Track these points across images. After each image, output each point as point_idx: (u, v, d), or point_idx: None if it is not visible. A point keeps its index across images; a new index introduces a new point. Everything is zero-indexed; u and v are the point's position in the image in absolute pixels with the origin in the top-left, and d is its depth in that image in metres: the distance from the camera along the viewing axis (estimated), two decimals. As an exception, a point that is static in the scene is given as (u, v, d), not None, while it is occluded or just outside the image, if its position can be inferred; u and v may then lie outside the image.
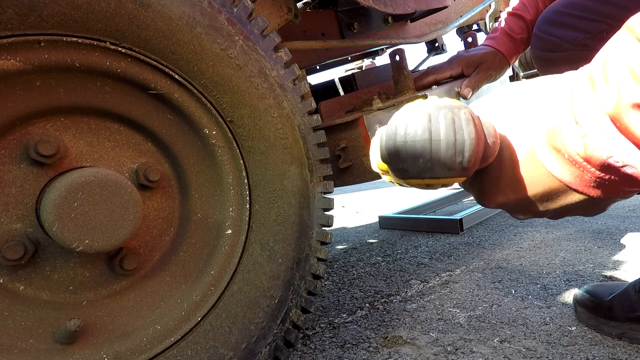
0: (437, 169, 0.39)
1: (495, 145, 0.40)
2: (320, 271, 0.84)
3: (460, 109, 0.39)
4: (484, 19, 1.85)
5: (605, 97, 0.29)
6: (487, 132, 0.39)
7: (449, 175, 0.39)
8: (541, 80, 0.40)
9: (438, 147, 0.38)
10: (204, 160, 0.75)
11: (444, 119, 0.38)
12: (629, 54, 0.28)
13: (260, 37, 0.76)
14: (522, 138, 0.39)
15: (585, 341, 0.90)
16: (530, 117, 0.38)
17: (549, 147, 0.35)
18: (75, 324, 0.59)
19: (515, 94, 0.42)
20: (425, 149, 0.38)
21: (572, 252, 1.48)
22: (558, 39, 0.94)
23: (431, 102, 0.40)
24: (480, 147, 0.38)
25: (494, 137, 0.39)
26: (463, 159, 0.38)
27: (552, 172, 0.36)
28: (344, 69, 2.90)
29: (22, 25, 0.54)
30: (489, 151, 0.39)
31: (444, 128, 0.38)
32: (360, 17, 1.35)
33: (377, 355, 0.95)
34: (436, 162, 0.38)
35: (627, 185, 0.33)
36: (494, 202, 0.43)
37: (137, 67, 0.65)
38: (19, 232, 0.59)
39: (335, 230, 2.46)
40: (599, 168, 0.32)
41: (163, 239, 0.73)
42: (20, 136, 0.59)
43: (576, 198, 0.37)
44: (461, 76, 1.19)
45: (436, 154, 0.38)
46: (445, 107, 0.39)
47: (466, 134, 0.37)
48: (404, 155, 0.40)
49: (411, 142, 0.39)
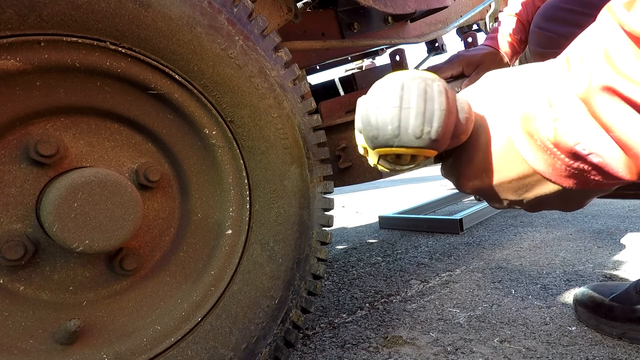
0: (404, 137, 0.39)
1: (469, 121, 0.39)
2: (320, 271, 0.84)
3: (435, 80, 0.39)
4: (484, 19, 1.85)
5: (578, 79, 0.29)
6: (460, 107, 0.39)
7: (416, 144, 0.39)
8: (525, 66, 0.39)
9: (407, 114, 0.38)
10: (204, 161, 0.75)
11: (416, 88, 0.38)
12: (605, 35, 0.27)
13: (260, 37, 0.76)
14: (500, 122, 0.38)
15: (585, 341, 0.90)
16: (508, 101, 0.37)
17: (523, 133, 0.34)
18: (75, 324, 0.59)
19: (497, 78, 0.41)
20: (394, 116, 0.38)
21: (572, 252, 1.48)
22: (555, 34, 0.93)
23: (408, 72, 0.41)
24: (451, 119, 0.38)
25: (467, 114, 0.39)
26: (431, 128, 0.38)
27: (526, 159, 0.35)
28: (344, 69, 2.90)
29: (22, 25, 0.54)
30: (460, 127, 0.39)
31: (415, 97, 0.38)
32: (360, 17, 1.35)
33: (377, 355, 0.95)
34: (404, 129, 0.38)
35: (597, 175, 0.31)
36: (469, 186, 0.43)
37: (137, 67, 0.65)
38: (19, 232, 0.59)
39: (335, 230, 2.46)
40: (568, 155, 0.31)
41: (163, 239, 0.73)
42: (20, 136, 0.59)
43: (550, 188, 0.36)
44: (461, 76, 1.20)
45: (405, 122, 0.38)
46: (419, 77, 0.39)
47: (437, 105, 0.37)
48: (374, 122, 0.40)
49: (383, 109, 0.39)
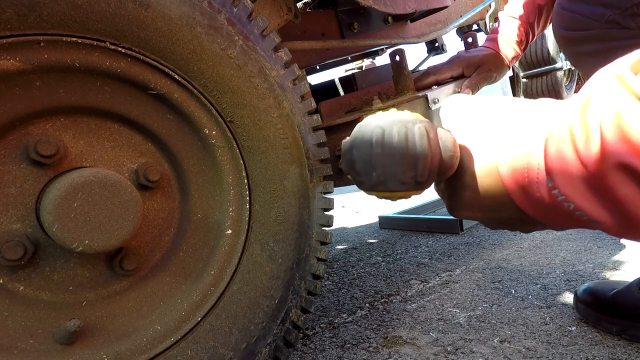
0: (390, 183, 0.39)
1: (453, 159, 0.39)
2: (320, 271, 0.84)
3: (415, 123, 0.39)
4: (484, 19, 1.85)
5: (587, 154, 0.27)
6: (444, 146, 0.39)
7: (402, 189, 0.39)
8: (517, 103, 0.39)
9: (390, 161, 0.38)
10: (204, 160, 0.75)
11: (397, 134, 0.38)
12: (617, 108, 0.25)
13: (260, 37, 0.76)
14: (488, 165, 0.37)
15: (585, 341, 0.90)
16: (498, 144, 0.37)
17: (516, 183, 0.34)
18: (75, 324, 0.59)
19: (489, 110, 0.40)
20: (378, 163, 0.39)
21: (572, 252, 1.48)
22: (583, 16, 0.86)
23: (389, 115, 0.41)
24: (435, 162, 0.39)
25: (451, 152, 0.39)
26: (416, 174, 0.38)
27: (517, 204, 0.36)
28: (344, 69, 2.90)
29: (22, 25, 0.54)
30: (445, 165, 0.39)
31: (397, 143, 0.38)
32: (360, 17, 1.35)
33: (377, 355, 0.95)
34: (389, 176, 0.39)
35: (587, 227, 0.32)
36: (461, 215, 0.43)
37: (137, 67, 0.65)
38: (18, 233, 0.59)
39: (335, 230, 2.46)
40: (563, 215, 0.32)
41: (163, 239, 0.73)
42: (20, 136, 0.59)
43: (540, 226, 0.38)
44: (461, 77, 1.20)
45: (389, 168, 0.38)
46: (400, 121, 0.39)
47: (419, 149, 0.38)
48: (359, 168, 0.40)
49: (366, 156, 0.39)
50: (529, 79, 2.84)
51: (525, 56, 2.77)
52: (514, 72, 2.77)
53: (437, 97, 1.10)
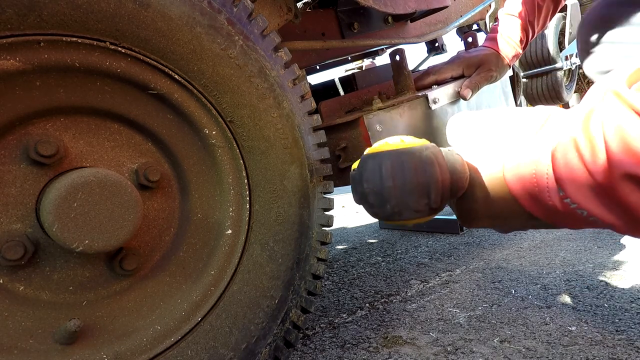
0: (405, 213, 0.39)
1: (462, 180, 0.40)
2: (320, 271, 0.84)
3: (422, 151, 0.39)
4: (484, 19, 1.85)
5: (594, 167, 0.29)
6: (453, 168, 0.40)
7: (417, 216, 0.40)
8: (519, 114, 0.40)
9: (403, 192, 0.38)
10: (204, 161, 0.75)
11: (406, 164, 0.38)
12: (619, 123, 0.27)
13: (260, 37, 0.75)
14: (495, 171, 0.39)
15: (585, 341, 0.90)
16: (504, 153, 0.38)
17: (523, 188, 0.36)
18: (75, 324, 0.59)
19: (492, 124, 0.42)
20: (390, 195, 0.39)
21: (572, 252, 1.48)
22: None
23: (394, 144, 0.41)
24: (446, 186, 0.39)
25: (460, 173, 0.40)
26: (430, 200, 0.39)
27: (529, 211, 0.37)
28: (344, 69, 2.90)
29: (22, 25, 0.54)
30: (456, 186, 0.40)
31: (407, 172, 0.38)
32: (361, 17, 1.35)
33: (377, 355, 0.95)
34: (404, 206, 0.39)
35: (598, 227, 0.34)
36: (475, 226, 0.45)
37: (137, 67, 0.65)
38: (18, 233, 0.59)
39: (335, 230, 2.46)
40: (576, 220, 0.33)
41: (163, 239, 0.73)
42: (20, 136, 0.59)
43: (551, 226, 0.39)
44: (461, 77, 1.19)
45: (402, 199, 0.39)
46: (407, 151, 0.39)
47: (430, 177, 0.38)
48: (372, 201, 0.40)
49: (377, 189, 0.39)
50: (529, 79, 2.84)
51: (525, 56, 2.77)
52: (514, 71, 2.78)
53: (437, 96, 1.10)
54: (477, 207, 0.41)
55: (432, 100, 1.08)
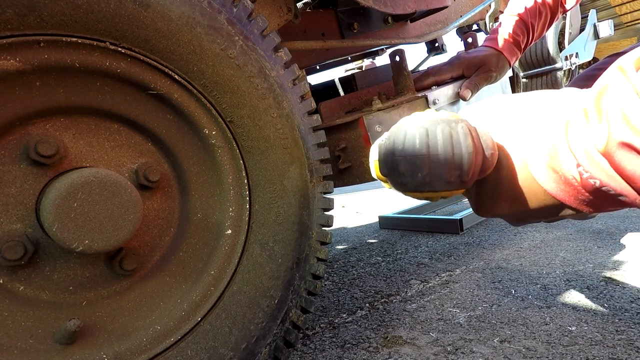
0: (436, 183, 0.39)
1: (493, 157, 0.40)
2: (320, 271, 0.84)
3: (458, 122, 0.39)
4: (484, 19, 1.85)
5: (597, 134, 0.31)
6: (485, 144, 0.40)
7: (447, 188, 0.39)
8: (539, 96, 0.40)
9: (436, 161, 0.38)
10: (204, 161, 0.75)
11: (441, 133, 0.38)
12: (620, 95, 0.29)
13: (260, 37, 0.76)
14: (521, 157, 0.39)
15: (585, 341, 0.90)
16: (527, 137, 0.39)
17: (547, 167, 0.36)
18: (75, 324, 0.59)
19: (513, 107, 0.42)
20: (423, 164, 0.38)
21: (572, 252, 1.48)
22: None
23: (429, 115, 0.41)
24: (479, 160, 0.39)
25: (492, 149, 0.40)
26: (462, 172, 0.38)
27: (549, 191, 0.37)
28: (344, 69, 2.90)
29: (22, 26, 0.54)
30: (487, 163, 0.40)
31: (441, 142, 0.38)
32: (360, 17, 1.35)
33: (377, 355, 0.95)
34: (435, 176, 0.39)
35: (618, 206, 0.35)
36: (492, 213, 0.44)
37: (137, 67, 0.65)
38: (18, 233, 0.59)
39: (335, 230, 2.46)
40: (592, 193, 0.34)
41: (163, 239, 0.73)
42: (20, 136, 0.59)
43: (569, 212, 0.39)
44: (461, 77, 1.19)
45: (435, 169, 0.38)
46: (442, 121, 0.39)
47: (464, 148, 0.38)
48: (403, 170, 0.40)
49: (410, 157, 0.39)
50: (529, 79, 2.84)
51: (525, 56, 2.77)
52: (514, 72, 2.78)
53: (437, 97, 1.10)
54: (500, 189, 0.41)
55: (431, 101, 1.09)
